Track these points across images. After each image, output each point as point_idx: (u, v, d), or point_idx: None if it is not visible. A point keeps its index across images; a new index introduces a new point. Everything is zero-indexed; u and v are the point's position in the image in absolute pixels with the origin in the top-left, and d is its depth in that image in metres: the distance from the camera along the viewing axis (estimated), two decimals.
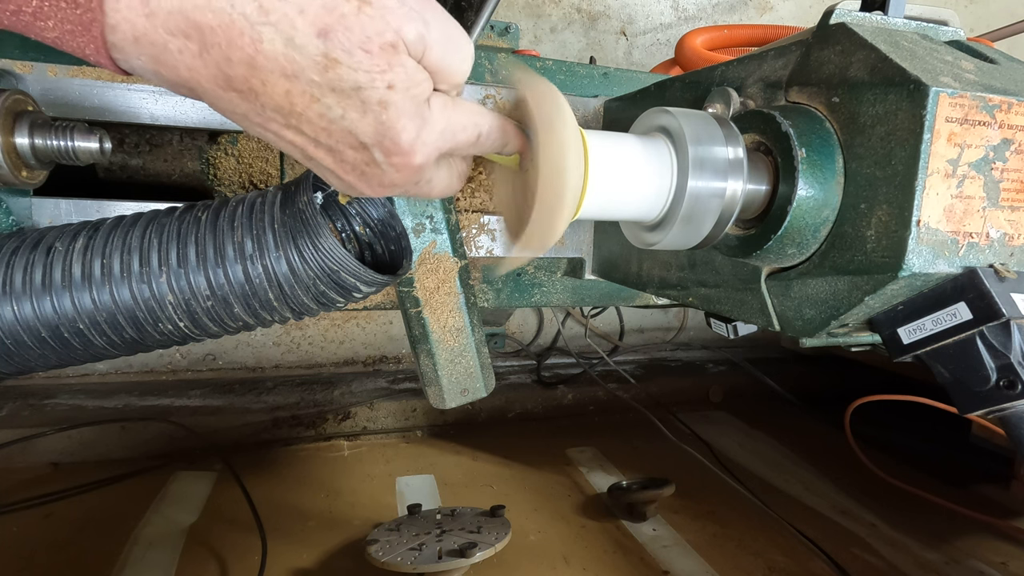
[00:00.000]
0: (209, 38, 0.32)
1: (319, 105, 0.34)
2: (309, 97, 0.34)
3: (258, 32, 0.32)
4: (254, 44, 0.32)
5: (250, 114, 0.35)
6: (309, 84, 0.33)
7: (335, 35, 0.32)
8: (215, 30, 0.31)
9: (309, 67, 0.33)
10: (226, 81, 0.33)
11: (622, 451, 1.29)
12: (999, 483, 1.20)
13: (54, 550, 0.87)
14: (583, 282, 0.83)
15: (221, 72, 0.33)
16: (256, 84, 0.33)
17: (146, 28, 0.31)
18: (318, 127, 0.35)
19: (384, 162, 0.37)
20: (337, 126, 0.35)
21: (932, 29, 0.47)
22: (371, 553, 0.78)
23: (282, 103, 0.34)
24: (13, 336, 0.46)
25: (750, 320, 0.52)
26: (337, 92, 0.34)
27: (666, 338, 1.69)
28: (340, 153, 0.37)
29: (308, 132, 0.36)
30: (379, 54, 0.33)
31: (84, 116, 0.59)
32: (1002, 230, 0.40)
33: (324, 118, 0.35)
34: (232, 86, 0.34)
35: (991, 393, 0.40)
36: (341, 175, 0.39)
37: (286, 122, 0.35)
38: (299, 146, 0.37)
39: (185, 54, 0.32)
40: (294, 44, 0.32)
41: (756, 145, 0.47)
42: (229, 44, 0.32)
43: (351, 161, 0.38)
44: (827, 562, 0.94)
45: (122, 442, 1.13)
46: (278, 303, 0.50)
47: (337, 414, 1.28)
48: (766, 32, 0.98)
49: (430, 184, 0.41)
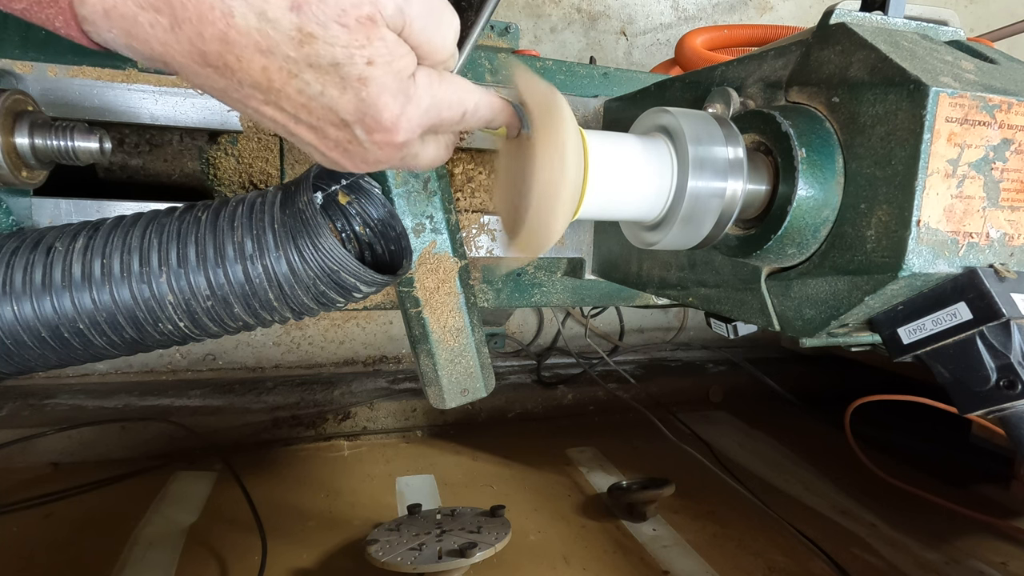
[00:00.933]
0: (180, 13, 0.31)
1: (297, 81, 0.33)
2: (287, 73, 0.33)
3: (228, 6, 0.31)
4: (225, 19, 0.31)
5: (229, 90, 0.34)
6: (286, 60, 0.33)
7: (308, 8, 0.31)
8: (185, 4, 0.31)
9: (284, 42, 0.32)
10: (201, 57, 0.32)
11: (622, 451, 1.29)
12: (999, 483, 1.20)
13: (54, 550, 0.86)
14: (583, 282, 0.83)
15: (195, 48, 0.32)
16: (231, 60, 0.32)
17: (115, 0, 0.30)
18: (297, 104, 0.35)
19: (366, 140, 0.36)
20: (317, 103, 0.35)
21: (932, 29, 0.47)
22: (371, 553, 0.78)
23: (259, 79, 0.33)
24: (13, 336, 0.46)
25: (750, 320, 0.52)
26: (315, 68, 0.33)
27: (666, 338, 1.69)
28: (322, 131, 0.36)
29: (288, 109, 0.35)
30: (356, 28, 0.32)
31: (84, 116, 0.59)
32: (1002, 230, 0.40)
33: (303, 95, 0.34)
34: (207, 62, 0.33)
35: (991, 393, 0.40)
36: (324, 152, 0.38)
37: (265, 98, 0.35)
38: (280, 123, 0.36)
39: (157, 28, 0.31)
40: (267, 18, 0.31)
41: (756, 145, 0.47)
42: (200, 19, 0.31)
43: (333, 138, 0.37)
44: (827, 562, 0.93)
45: (122, 442, 1.13)
46: (278, 303, 0.50)
47: (337, 414, 1.28)
48: (766, 32, 0.98)
49: (416, 159, 0.41)
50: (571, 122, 0.40)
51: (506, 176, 0.46)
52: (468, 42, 0.44)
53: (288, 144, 0.68)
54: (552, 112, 0.39)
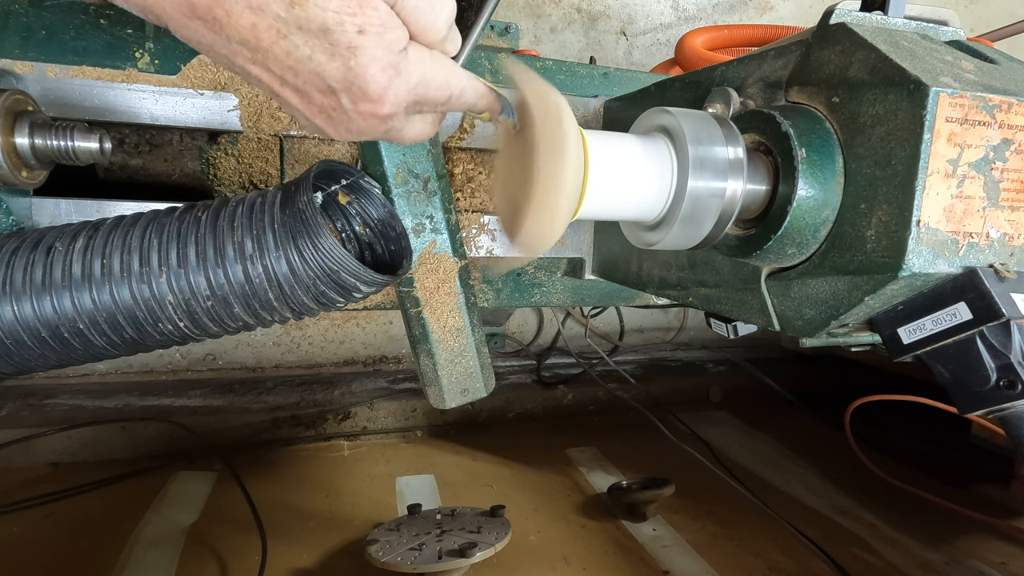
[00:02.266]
0: None
1: (286, 42, 0.33)
2: (276, 33, 0.33)
3: None
4: None
5: (216, 45, 0.34)
6: (275, 19, 0.32)
7: None
8: None
9: (274, 1, 0.32)
10: (190, 8, 0.32)
11: (622, 451, 1.29)
12: (999, 483, 1.20)
13: (54, 550, 0.86)
14: (583, 282, 0.83)
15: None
16: (220, 14, 0.32)
17: None
18: (285, 65, 0.34)
19: (351, 109, 0.36)
20: (304, 67, 0.34)
21: (932, 29, 0.47)
22: (371, 553, 0.78)
23: (248, 36, 0.33)
24: (13, 336, 0.46)
25: (750, 320, 0.52)
26: (304, 31, 0.33)
27: (666, 338, 1.69)
28: (307, 95, 0.36)
29: (275, 69, 0.35)
30: None
31: (84, 116, 0.59)
32: (1002, 230, 0.40)
33: (291, 56, 0.34)
34: (196, 14, 0.33)
35: (991, 393, 0.40)
36: (309, 117, 0.38)
37: (252, 57, 0.34)
38: (266, 83, 0.36)
39: None
40: None
41: (756, 145, 0.47)
42: None
43: (318, 104, 0.37)
44: (827, 562, 0.93)
45: (122, 442, 1.13)
46: (278, 303, 0.50)
47: (337, 414, 1.28)
48: (766, 32, 0.98)
49: (400, 133, 0.41)
50: (571, 122, 0.40)
51: (506, 176, 0.46)
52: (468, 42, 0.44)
53: (288, 144, 0.68)
54: (552, 112, 0.39)
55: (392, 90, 0.36)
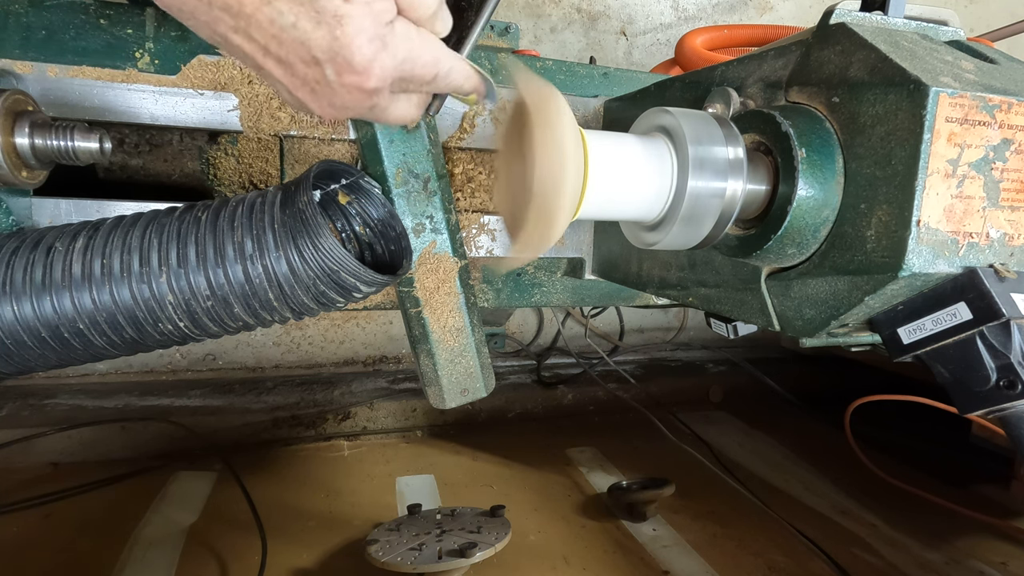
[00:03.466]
0: None
1: (270, 8, 0.32)
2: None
3: None
4: None
5: (197, 12, 0.34)
6: None
7: None
8: None
9: None
10: None
11: (622, 451, 1.29)
12: (999, 483, 1.20)
13: (54, 550, 0.86)
14: (583, 282, 0.83)
15: None
16: None
17: None
18: (268, 34, 0.34)
19: (335, 81, 0.35)
20: (288, 35, 0.34)
21: (932, 29, 0.47)
22: (371, 553, 0.78)
23: (230, 2, 0.32)
24: (13, 336, 0.46)
25: (750, 320, 0.52)
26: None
27: (666, 338, 1.69)
28: (291, 66, 0.35)
29: (258, 38, 0.34)
30: None
31: (84, 116, 0.59)
32: (1002, 230, 0.40)
33: (275, 24, 0.33)
34: None
35: (991, 393, 0.40)
36: (292, 90, 0.37)
37: (235, 24, 0.34)
38: (249, 54, 0.35)
39: None
40: None
41: (756, 145, 0.47)
42: None
43: (302, 76, 0.36)
44: (827, 562, 0.93)
45: (122, 442, 1.13)
46: (278, 303, 0.50)
47: (337, 414, 1.28)
48: (766, 32, 0.98)
49: (385, 112, 0.40)
50: (571, 122, 0.40)
51: (506, 176, 0.46)
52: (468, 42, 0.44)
53: (288, 144, 0.68)
54: (552, 112, 0.39)
55: (378, 63, 0.35)
